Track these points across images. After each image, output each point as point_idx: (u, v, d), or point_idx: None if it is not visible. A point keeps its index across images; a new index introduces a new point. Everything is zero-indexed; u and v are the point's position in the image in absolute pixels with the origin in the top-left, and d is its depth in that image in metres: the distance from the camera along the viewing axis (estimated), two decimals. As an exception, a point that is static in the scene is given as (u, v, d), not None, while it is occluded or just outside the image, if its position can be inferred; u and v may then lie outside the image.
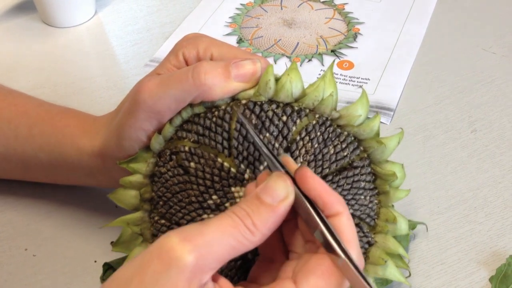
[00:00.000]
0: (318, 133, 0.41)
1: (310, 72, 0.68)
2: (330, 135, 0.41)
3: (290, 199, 0.34)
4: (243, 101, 0.41)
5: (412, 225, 0.50)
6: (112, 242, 0.45)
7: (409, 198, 0.53)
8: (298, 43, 0.72)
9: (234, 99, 0.41)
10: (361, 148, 0.43)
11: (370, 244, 0.43)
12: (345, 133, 0.42)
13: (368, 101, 0.43)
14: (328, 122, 0.42)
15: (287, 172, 0.35)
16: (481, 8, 0.76)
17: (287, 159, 0.37)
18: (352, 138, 0.42)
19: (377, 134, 0.43)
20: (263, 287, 0.33)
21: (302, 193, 0.34)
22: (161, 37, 0.74)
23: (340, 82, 0.66)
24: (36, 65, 0.71)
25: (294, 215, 0.36)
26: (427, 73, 0.67)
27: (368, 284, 0.31)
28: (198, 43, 0.44)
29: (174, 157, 0.42)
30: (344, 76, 0.67)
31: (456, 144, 0.59)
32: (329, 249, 0.33)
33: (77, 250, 0.50)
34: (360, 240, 0.42)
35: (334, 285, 0.32)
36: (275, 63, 0.69)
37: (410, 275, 0.47)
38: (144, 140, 0.43)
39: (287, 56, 0.70)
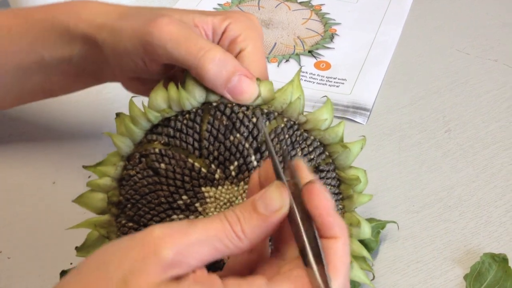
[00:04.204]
0: (287, 136, 0.42)
1: (287, 72, 0.68)
2: (297, 138, 0.42)
3: (284, 211, 0.33)
4: (214, 103, 0.42)
5: (382, 225, 0.50)
6: (76, 247, 0.44)
7: (384, 198, 0.54)
8: (275, 43, 0.72)
9: (205, 102, 0.42)
10: (326, 153, 0.44)
11: None
12: (312, 137, 0.43)
13: (333, 108, 0.44)
14: (296, 126, 0.43)
15: (295, 183, 0.34)
16: (455, 9, 0.77)
17: (300, 164, 0.35)
18: (318, 143, 0.43)
19: (341, 140, 0.44)
20: (234, 277, 0.33)
21: (299, 205, 0.33)
22: (138, 37, 0.74)
23: (317, 83, 0.67)
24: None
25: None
26: (402, 74, 0.68)
27: None
28: (249, 41, 0.44)
29: (143, 159, 0.42)
30: (321, 76, 0.68)
31: (431, 144, 0.59)
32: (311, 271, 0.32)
33: (53, 253, 0.50)
34: None
35: None
36: (253, 64, 0.69)
37: (374, 277, 0.47)
38: (130, 65, 0.44)
39: (264, 57, 0.70)
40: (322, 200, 0.33)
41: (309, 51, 0.71)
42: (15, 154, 0.59)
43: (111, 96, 0.64)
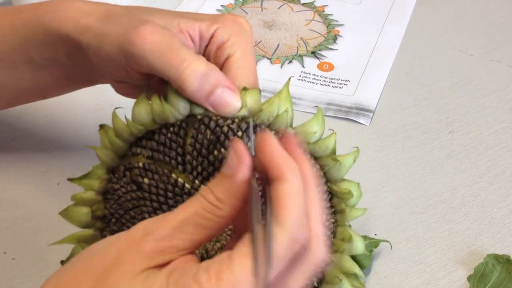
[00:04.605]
0: None
1: (290, 73, 0.68)
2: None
3: (245, 163, 0.33)
4: (199, 116, 0.40)
5: (375, 244, 0.49)
6: (62, 261, 0.44)
7: (388, 199, 0.54)
8: (278, 44, 0.72)
9: (190, 115, 0.41)
10: (317, 166, 0.42)
11: None
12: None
13: (324, 119, 0.43)
14: None
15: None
16: (458, 11, 0.77)
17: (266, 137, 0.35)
18: (308, 156, 0.42)
19: (333, 152, 0.43)
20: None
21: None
22: (141, 39, 0.74)
23: (320, 84, 0.67)
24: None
25: None
26: (405, 75, 0.68)
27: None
28: (237, 47, 0.43)
29: (127, 173, 0.41)
30: (324, 77, 0.68)
31: (434, 145, 0.59)
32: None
33: (57, 254, 0.50)
34: None
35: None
36: (256, 65, 0.69)
37: None
38: (112, 70, 0.44)
39: (267, 58, 0.70)
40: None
41: (312, 52, 0.71)
42: (20, 155, 0.59)
43: (115, 99, 0.64)
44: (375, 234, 0.50)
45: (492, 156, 0.58)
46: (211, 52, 0.44)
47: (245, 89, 0.41)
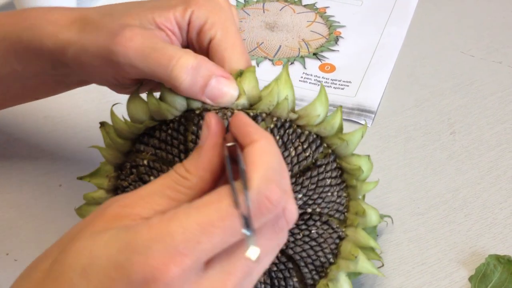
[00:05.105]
0: (277, 137, 0.40)
1: (292, 75, 0.68)
2: (290, 137, 0.40)
3: (212, 132, 0.33)
4: (197, 111, 0.39)
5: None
6: None
7: (389, 200, 0.54)
8: (280, 46, 0.73)
9: (188, 109, 0.40)
10: (325, 144, 0.41)
11: (341, 238, 0.42)
12: (306, 132, 0.41)
13: (327, 97, 0.41)
14: (287, 124, 0.40)
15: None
16: (459, 12, 0.77)
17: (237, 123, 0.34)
18: (314, 136, 0.41)
19: (340, 130, 0.41)
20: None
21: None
22: (143, 40, 0.74)
23: (321, 85, 0.67)
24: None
25: None
26: (407, 76, 0.68)
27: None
28: (217, 27, 0.41)
29: (134, 170, 0.41)
30: (326, 79, 0.68)
31: (436, 146, 0.59)
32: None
33: (60, 254, 0.50)
34: (330, 237, 0.42)
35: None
36: (258, 66, 0.69)
37: (383, 265, 0.47)
38: (101, 81, 0.43)
39: (269, 59, 0.70)
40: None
41: (314, 54, 0.71)
42: (21, 157, 0.59)
43: (116, 100, 0.64)
44: (377, 235, 0.51)
45: (493, 157, 0.58)
46: (192, 39, 0.42)
47: (240, 73, 0.40)
